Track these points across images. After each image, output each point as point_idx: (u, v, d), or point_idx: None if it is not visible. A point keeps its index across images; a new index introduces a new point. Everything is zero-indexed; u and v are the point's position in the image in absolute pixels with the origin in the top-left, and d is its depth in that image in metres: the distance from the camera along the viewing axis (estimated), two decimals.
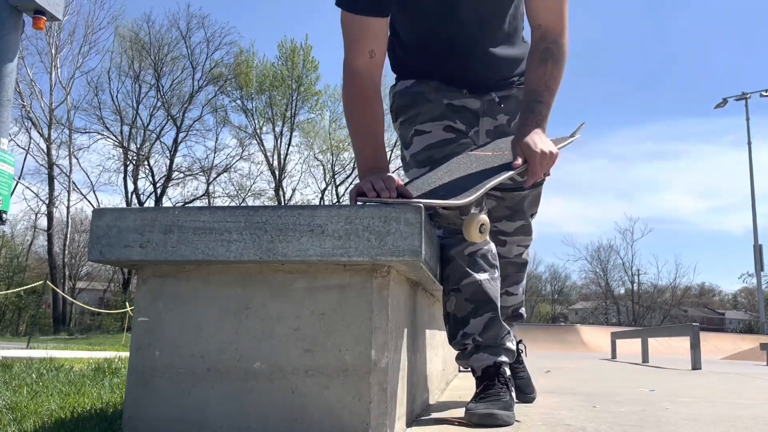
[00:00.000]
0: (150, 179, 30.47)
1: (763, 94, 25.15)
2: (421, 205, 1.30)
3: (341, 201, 28.51)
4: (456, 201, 1.50)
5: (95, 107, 28.46)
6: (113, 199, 34.92)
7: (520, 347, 2.21)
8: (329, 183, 31.96)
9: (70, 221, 27.50)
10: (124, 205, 28.18)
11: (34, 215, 29.54)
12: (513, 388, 1.78)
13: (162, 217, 1.34)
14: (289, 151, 31.39)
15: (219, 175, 30.91)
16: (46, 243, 27.69)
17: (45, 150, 26.09)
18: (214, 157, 30.92)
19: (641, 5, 66.86)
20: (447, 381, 3.02)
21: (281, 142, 31.22)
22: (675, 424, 1.75)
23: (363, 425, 1.26)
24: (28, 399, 2.05)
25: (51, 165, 26.02)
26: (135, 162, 29.53)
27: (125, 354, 5.89)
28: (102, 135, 28.65)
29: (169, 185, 30.15)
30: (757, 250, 24.15)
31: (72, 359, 4.99)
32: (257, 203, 25.81)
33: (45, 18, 4.41)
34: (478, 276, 1.77)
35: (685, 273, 73.22)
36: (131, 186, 29.78)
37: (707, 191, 65.91)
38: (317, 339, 1.32)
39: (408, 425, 1.55)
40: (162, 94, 29.91)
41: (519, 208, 2.09)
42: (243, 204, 27.28)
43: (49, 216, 26.59)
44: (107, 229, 1.36)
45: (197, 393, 1.33)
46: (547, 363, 7.17)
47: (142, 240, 1.34)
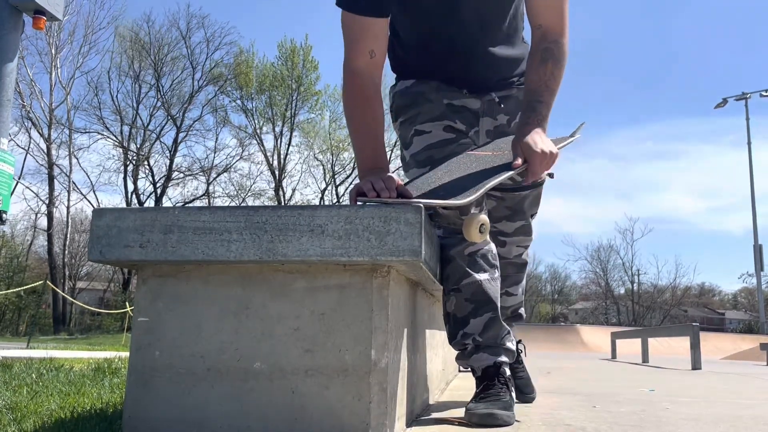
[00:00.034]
0: (150, 179, 30.52)
1: (763, 94, 25.15)
2: (421, 205, 1.30)
3: (341, 201, 28.51)
4: (456, 201, 1.50)
5: (95, 107, 28.53)
6: (113, 199, 34.99)
7: (519, 347, 2.21)
8: (329, 183, 32.00)
9: (70, 221, 27.53)
10: (124, 205, 28.19)
11: (34, 215, 29.61)
12: (513, 388, 1.78)
13: (162, 217, 1.34)
14: (289, 151, 31.44)
15: (219, 175, 30.96)
16: (46, 243, 27.73)
17: (45, 150, 26.12)
18: (214, 157, 30.98)
19: (641, 5, 66.97)
20: (447, 381, 3.02)
21: (281, 142, 31.27)
22: (675, 424, 1.75)
23: (363, 425, 1.26)
24: (28, 399, 2.05)
25: (51, 165, 26.03)
26: (135, 162, 29.55)
27: (125, 354, 5.89)
28: (102, 135, 28.71)
29: (169, 185, 30.19)
30: (757, 250, 24.15)
31: (72, 359, 4.99)
32: (257, 203, 25.82)
33: (45, 18, 4.41)
34: (478, 276, 1.77)
35: (685, 273, 73.38)
36: (131, 186, 29.84)
37: (707, 191, 66.01)
38: (317, 339, 1.32)
39: (408, 425, 1.55)
40: (162, 94, 29.96)
41: (519, 208, 2.09)
42: (243, 204, 27.29)
43: (49, 216, 26.60)
44: (107, 229, 1.36)
45: (197, 393, 1.33)
46: (547, 363, 7.17)
47: (142, 240, 1.34)
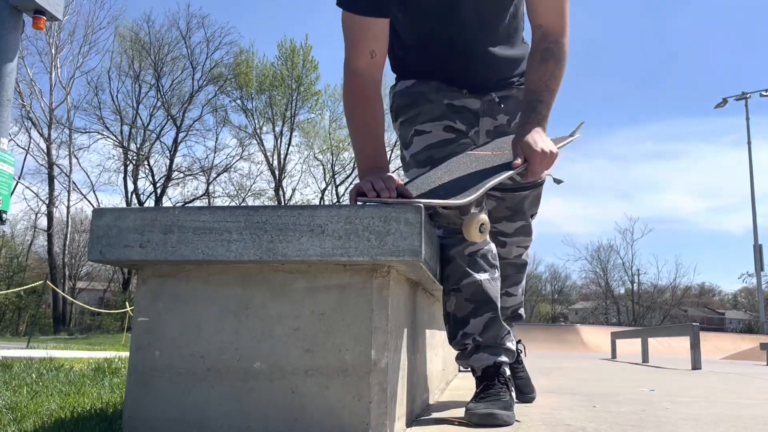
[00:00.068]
0: (150, 179, 30.52)
1: (763, 94, 25.13)
2: (421, 205, 1.30)
3: (341, 201, 28.50)
4: (456, 201, 1.50)
5: (95, 107, 28.54)
6: (113, 199, 34.97)
7: (519, 347, 2.21)
8: (329, 183, 32.00)
9: (70, 221, 27.52)
10: (124, 205, 28.19)
11: (34, 215, 29.60)
12: (513, 388, 1.78)
13: (162, 217, 1.34)
14: (289, 151, 31.45)
15: (219, 175, 30.96)
16: (46, 243, 27.73)
17: (45, 150, 26.12)
18: (214, 157, 30.99)
19: (641, 4, 66.97)
20: (447, 381, 3.02)
21: (281, 142, 31.27)
22: (675, 424, 1.75)
23: (363, 425, 1.26)
24: (28, 399, 2.05)
25: (51, 165, 26.03)
26: (135, 162, 29.55)
27: (125, 354, 5.89)
28: (102, 135, 28.72)
29: (169, 185, 30.20)
30: (757, 250, 24.14)
31: (72, 359, 4.99)
32: (257, 203, 25.80)
33: (45, 18, 4.42)
34: (478, 276, 1.77)
35: (685, 273, 73.43)
36: (131, 186, 29.85)
37: (707, 191, 66.02)
38: (317, 339, 1.32)
39: (408, 425, 1.55)
40: (162, 94, 29.96)
41: (519, 208, 2.09)
42: (243, 204, 27.31)
43: (49, 216, 26.60)
44: (107, 229, 1.36)
45: (197, 393, 1.33)
46: (547, 363, 7.17)
47: (142, 240, 1.34)
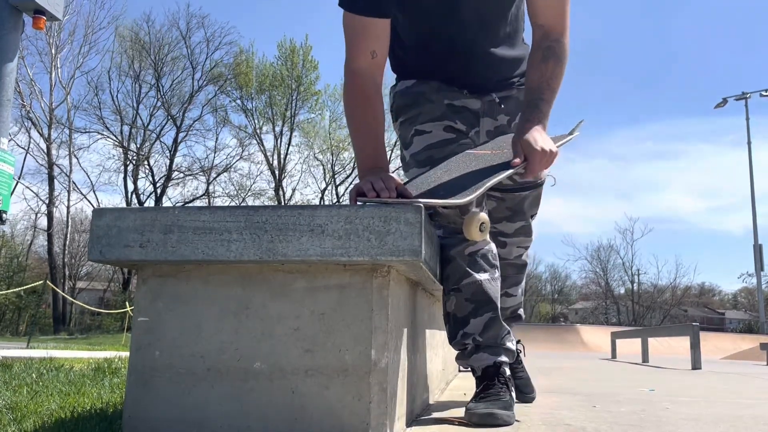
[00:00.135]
0: (150, 179, 30.51)
1: (763, 93, 25.14)
2: (421, 205, 1.29)
3: (341, 201, 28.50)
4: (456, 200, 1.50)
5: (95, 107, 28.51)
6: (113, 199, 34.95)
7: (518, 347, 2.21)
8: (329, 183, 31.99)
9: (70, 221, 27.51)
10: (124, 205, 28.19)
11: (34, 215, 29.58)
12: (513, 387, 1.78)
13: (162, 217, 1.34)
14: (289, 151, 31.43)
15: (219, 175, 30.94)
16: (46, 243, 27.71)
17: (45, 150, 26.11)
18: (214, 157, 30.97)
19: (641, 4, 66.96)
20: (447, 381, 3.02)
21: (281, 141, 31.25)
22: (675, 424, 1.75)
23: (363, 425, 1.26)
24: (28, 399, 2.05)
25: (51, 165, 26.02)
26: (135, 162, 29.54)
27: (125, 354, 5.89)
28: (102, 135, 28.70)
29: (169, 185, 30.18)
30: (757, 250, 24.14)
31: (72, 359, 4.99)
32: (257, 203, 25.80)
33: (45, 18, 4.42)
34: (478, 276, 1.77)
35: (685, 273, 73.43)
36: (131, 186, 29.83)
37: (707, 191, 66.01)
38: (317, 339, 1.32)
39: (408, 425, 1.55)
40: (162, 94, 29.94)
41: (519, 209, 2.09)
42: (243, 204, 27.31)
43: (49, 216, 26.59)
44: (107, 229, 1.36)
45: (197, 393, 1.33)
46: (547, 363, 7.17)
47: (142, 240, 1.34)
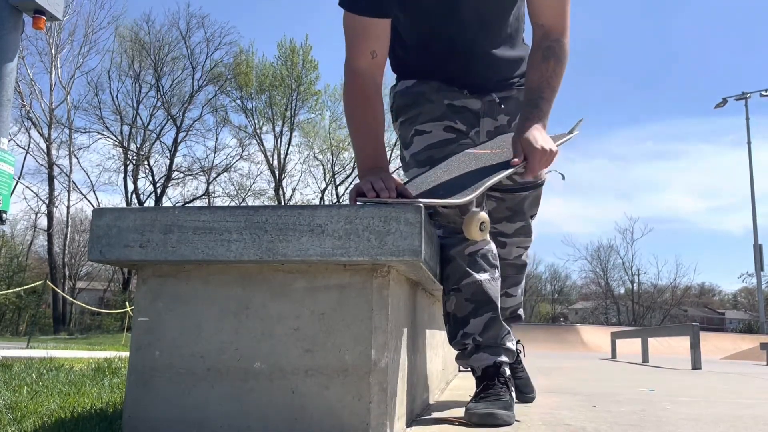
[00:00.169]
0: (150, 179, 30.51)
1: (763, 93, 25.13)
2: (421, 205, 1.29)
3: (341, 201, 28.50)
4: (455, 200, 1.50)
5: (95, 107, 28.51)
6: (113, 199, 34.93)
7: (518, 347, 2.21)
8: (329, 183, 31.99)
9: (70, 221, 27.51)
10: (124, 205, 28.19)
11: (34, 215, 29.57)
12: (513, 387, 1.78)
13: (162, 217, 1.34)
14: (289, 151, 31.43)
15: (219, 175, 30.94)
16: (46, 243, 27.71)
17: (45, 150, 26.11)
18: (214, 157, 30.97)
19: (641, 4, 66.94)
20: (447, 381, 3.02)
21: (281, 141, 31.25)
22: (675, 424, 1.75)
23: (363, 425, 1.26)
24: (28, 399, 2.05)
25: (51, 165, 26.01)
26: (135, 162, 29.54)
27: (125, 354, 5.89)
28: (102, 135, 28.70)
29: (169, 185, 30.17)
30: (757, 250, 24.14)
31: (72, 359, 4.99)
32: (257, 203, 25.79)
33: (45, 18, 4.42)
34: (478, 276, 1.77)
35: (685, 273, 73.46)
36: (131, 186, 29.83)
37: (707, 191, 66.02)
38: (317, 339, 1.32)
39: (408, 425, 1.55)
40: (162, 94, 29.95)
41: (519, 209, 2.09)
42: (243, 204, 27.30)
43: (49, 216, 26.58)
44: (107, 229, 1.36)
45: (197, 393, 1.33)
46: (547, 363, 7.17)
47: (142, 240, 1.34)
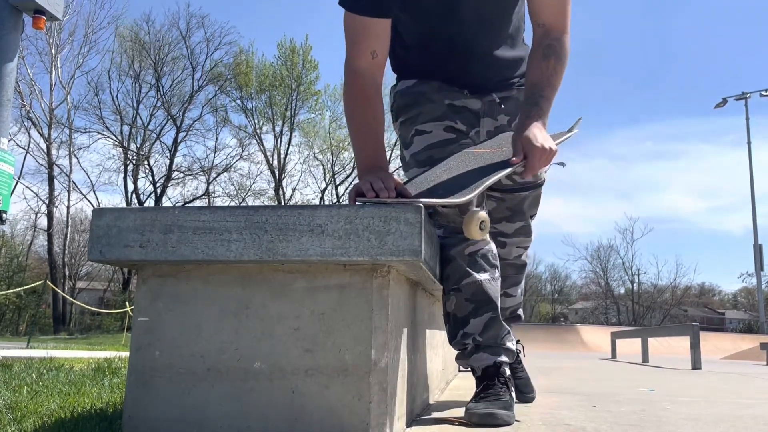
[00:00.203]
0: (150, 179, 30.50)
1: (763, 93, 25.13)
2: (421, 205, 1.29)
3: (341, 201, 28.49)
4: (455, 200, 1.50)
5: (95, 107, 28.50)
6: (113, 199, 34.92)
7: (518, 347, 2.21)
8: (329, 183, 31.99)
9: (70, 221, 27.49)
10: (124, 205, 28.19)
11: (34, 215, 29.56)
12: (513, 387, 1.78)
13: (162, 217, 1.34)
14: (289, 151, 31.44)
15: (219, 175, 30.93)
16: (46, 243, 27.70)
17: (45, 150, 26.09)
18: (214, 157, 30.96)
19: (641, 4, 66.94)
20: (447, 381, 3.02)
21: (281, 141, 31.25)
22: (675, 424, 1.75)
23: (363, 425, 1.26)
24: (28, 399, 2.05)
25: (51, 165, 26.00)
26: (135, 162, 29.53)
27: (125, 354, 5.89)
28: (102, 135, 28.69)
29: (169, 185, 30.16)
30: (757, 249, 24.14)
31: (72, 359, 4.99)
32: (257, 203, 25.79)
33: (45, 18, 4.42)
34: (478, 276, 1.77)
35: (685, 273, 73.50)
36: (131, 186, 29.82)
37: (707, 191, 66.01)
38: (317, 339, 1.32)
39: (408, 425, 1.55)
40: (162, 93, 29.94)
41: (519, 209, 2.09)
42: (243, 204, 27.30)
43: (49, 216, 26.58)
44: (107, 229, 1.36)
45: (197, 393, 1.33)
46: (547, 363, 7.17)
47: (142, 240, 1.34)
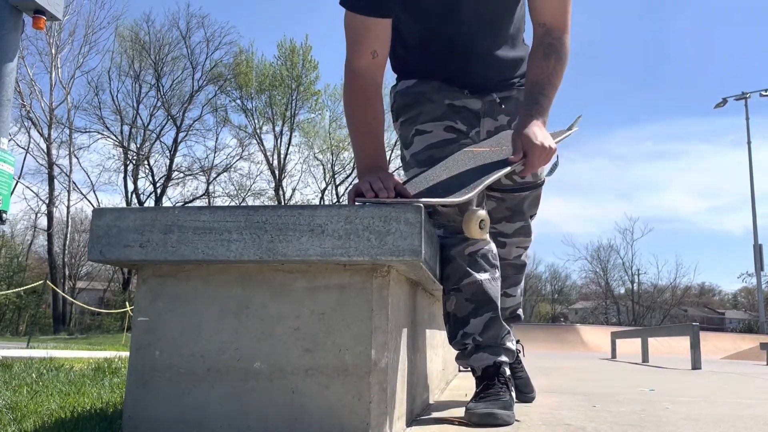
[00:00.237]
0: (150, 179, 30.49)
1: (763, 93, 25.13)
2: (421, 205, 1.29)
3: (341, 201, 28.49)
4: (455, 199, 1.50)
5: (95, 107, 28.49)
6: (113, 199, 34.92)
7: (518, 347, 2.21)
8: (329, 183, 31.99)
9: (70, 221, 27.49)
10: (124, 205, 28.19)
11: (34, 215, 29.55)
12: (513, 387, 1.78)
13: (162, 217, 1.34)
14: (289, 151, 31.43)
15: (219, 175, 30.91)
16: (46, 243, 27.70)
17: (45, 150, 26.09)
18: (214, 157, 30.95)
19: (641, 4, 66.93)
20: (447, 381, 3.02)
21: (281, 141, 31.25)
22: (675, 424, 1.75)
23: (363, 425, 1.26)
24: (28, 399, 2.05)
25: (51, 165, 26.00)
26: (135, 162, 29.53)
27: (125, 354, 5.89)
28: (102, 135, 28.68)
29: (169, 185, 30.16)
30: (757, 249, 24.14)
31: (72, 359, 4.99)
32: (257, 203, 25.78)
33: (45, 18, 4.42)
34: (478, 276, 1.77)
35: (685, 273, 73.53)
36: (131, 186, 29.80)
37: (707, 191, 66.00)
38: (317, 339, 1.32)
39: (408, 425, 1.55)
40: (162, 93, 29.92)
41: (519, 209, 2.09)
42: (243, 204, 27.30)
43: (49, 216, 26.57)
44: (107, 229, 1.36)
45: (197, 393, 1.33)
46: (547, 363, 7.17)
47: (142, 240, 1.34)
